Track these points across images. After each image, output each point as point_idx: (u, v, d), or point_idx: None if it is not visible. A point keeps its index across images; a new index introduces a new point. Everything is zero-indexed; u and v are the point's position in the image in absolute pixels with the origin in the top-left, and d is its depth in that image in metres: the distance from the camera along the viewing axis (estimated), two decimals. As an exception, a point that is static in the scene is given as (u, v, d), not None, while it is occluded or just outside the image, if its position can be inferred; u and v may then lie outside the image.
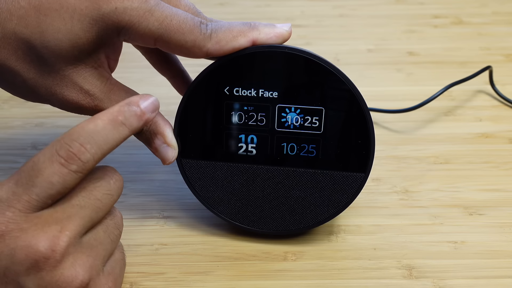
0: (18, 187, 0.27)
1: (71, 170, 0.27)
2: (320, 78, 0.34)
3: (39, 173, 0.27)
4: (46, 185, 0.27)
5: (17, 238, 0.26)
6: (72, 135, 0.27)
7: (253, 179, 0.37)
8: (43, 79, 0.32)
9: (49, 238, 0.27)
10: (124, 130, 0.29)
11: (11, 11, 0.31)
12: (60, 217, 0.27)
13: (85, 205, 0.28)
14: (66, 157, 0.27)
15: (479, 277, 0.35)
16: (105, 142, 0.28)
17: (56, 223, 0.27)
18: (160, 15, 0.31)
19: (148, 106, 0.30)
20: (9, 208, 0.26)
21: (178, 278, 0.36)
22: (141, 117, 0.30)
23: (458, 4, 0.80)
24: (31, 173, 0.27)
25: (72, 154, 0.27)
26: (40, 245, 0.26)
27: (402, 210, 0.41)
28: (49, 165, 0.27)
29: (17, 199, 0.27)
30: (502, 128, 0.51)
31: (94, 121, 0.28)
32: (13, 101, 0.56)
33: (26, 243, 0.26)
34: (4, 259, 0.26)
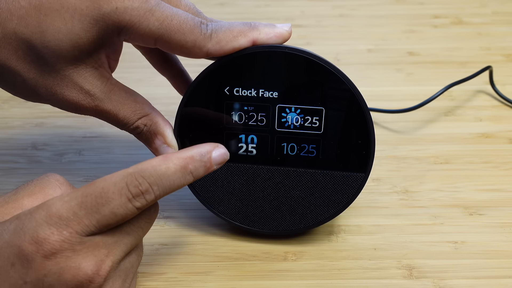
0: (81, 210, 0.27)
1: (135, 206, 0.28)
2: (320, 78, 0.34)
3: (106, 203, 0.27)
4: (110, 215, 0.27)
5: (68, 258, 0.27)
6: (143, 172, 0.28)
7: (253, 179, 0.37)
8: (44, 79, 0.32)
9: (96, 262, 0.27)
10: (190, 178, 0.29)
11: (11, 11, 0.31)
12: (108, 241, 0.28)
13: (130, 232, 0.29)
14: (134, 194, 0.27)
15: (480, 277, 0.35)
16: (170, 187, 0.29)
17: (105, 247, 0.28)
18: (161, 15, 0.31)
19: (217, 158, 0.30)
20: (67, 228, 0.26)
21: (178, 278, 0.36)
22: (208, 169, 0.30)
23: (458, 4, 0.80)
24: (98, 201, 0.27)
25: (140, 192, 0.28)
26: (88, 268, 0.27)
27: (402, 210, 0.41)
28: (118, 197, 0.27)
29: (78, 222, 0.27)
30: (502, 128, 0.51)
31: (166, 164, 0.28)
32: (13, 101, 0.56)
33: (75, 265, 0.27)
34: (51, 276, 0.26)
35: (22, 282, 0.26)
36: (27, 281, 0.26)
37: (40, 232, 0.26)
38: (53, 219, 0.26)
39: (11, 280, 0.26)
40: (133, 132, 0.35)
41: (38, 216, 0.26)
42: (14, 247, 0.26)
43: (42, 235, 0.26)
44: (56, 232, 0.26)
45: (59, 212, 0.27)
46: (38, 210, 0.27)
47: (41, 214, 0.27)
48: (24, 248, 0.26)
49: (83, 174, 0.45)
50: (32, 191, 0.30)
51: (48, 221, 0.26)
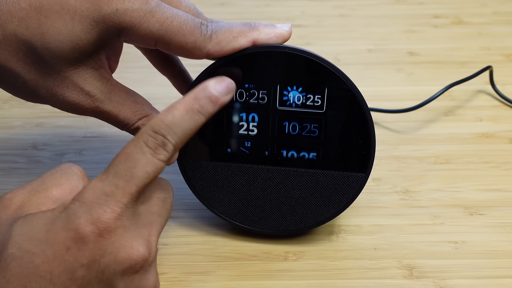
0: (119, 179, 0.27)
1: (160, 159, 0.28)
2: (320, 78, 0.34)
3: (135, 164, 0.28)
4: (143, 175, 0.28)
5: (121, 237, 0.27)
6: (153, 127, 0.28)
7: (254, 179, 0.37)
8: (44, 81, 0.32)
9: (144, 243, 0.28)
10: (200, 118, 0.29)
11: (12, 13, 0.31)
12: (145, 221, 0.29)
13: (161, 214, 0.30)
14: (154, 148, 0.28)
15: (480, 277, 0.35)
16: (183, 131, 0.29)
17: (145, 227, 0.29)
18: (161, 16, 0.31)
19: (222, 90, 0.30)
20: (116, 203, 0.27)
21: (178, 278, 0.36)
22: (216, 102, 0.30)
23: (458, 4, 0.80)
24: (128, 165, 0.28)
25: (158, 145, 0.28)
26: (141, 248, 0.28)
27: (403, 210, 0.41)
28: (142, 156, 0.28)
29: (122, 193, 0.27)
30: (502, 128, 0.51)
31: (171, 112, 0.29)
32: (14, 101, 0.56)
33: (129, 243, 0.27)
34: (107, 256, 0.27)
35: (79, 265, 0.27)
36: (83, 263, 0.27)
37: (93, 213, 0.27)
38: (101, 198, 0.27)
39: (66, 264, 0.26)
40: (134, 132, 0.35)
41: (86, 199, 0.27)
42: (70, 231, 0.26)
43: (96, 215, 0.27)
44: (109, 209, 0.27)
45: (103, 190, 0.27)
46: (84, 195, 0.27)
47: (88, 197, 0.27)
48: (80, 231, 0.26)
49: (83, 174, 0.45)
50: (59, 181, 0.30)
51: (97, 201, 0.27)
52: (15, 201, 0.29)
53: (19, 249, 0.26)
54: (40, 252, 0.26)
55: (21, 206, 0.29)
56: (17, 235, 0.27)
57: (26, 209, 0.28)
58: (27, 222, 0.27)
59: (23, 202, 0.29)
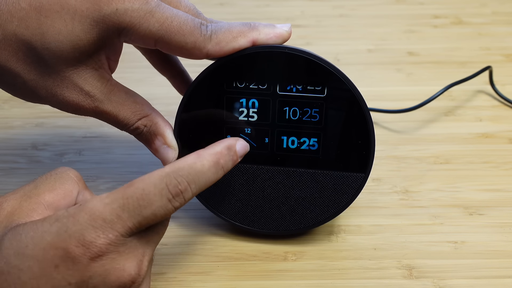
0: (124, 212, 0.27)
1: (174, 206, 0.28)
2: (320, 78, 0.34)
3: (148, 205, 0.27)
4: (151, 217, 0.27)
5: (113, 260, 0.27)
6: (181, 171, 0.28)
7: (253, 179, 0.37)
8: (44, 81, 0.32)
9: (137, 262, 0.28)
10: (221, 173, 0.30)
11: (11, 13, 0.31)
12: (143, 241, 0.28)
13: (159, 232, 0.30)
14: (174, 194, 0.28)
15: (479, 277, 0.35)
16: (206, 183, 0.29)
17: (141, 247, 0.28)
18: (161, 16, 0.31)
19: (241, 150, 0.32)
20: (112, 231, 0.27)
21: (178, 278, 0.36)
22: (235, 162, 0.32)
23: (458, 4, 0.80)
24: (140, 203, 0.27)
25: (179, 192, 0.28)
26: (131, 269, 0.28)
27: (402, 210, 0.41)
28: (159, 198, 0.27)
29: (122, 224, 0.27)
30: (502, 128, 0.51)
31: (201, 161, 0.29)
32: (13, 101, 0.56)
33: (120, 266, 0.27)
34: (96, 278, 0.27)
35: (66, 283, 0.26)
36: (71, 283, 0.26)
37: (86, 235, 0.26)
38: (97, 222, 0.27)
39: (54, 281, 0.26)
40: (133, 133, 0.35)
41: (81, 219, 0.27)
42: (59, 249, 0.26)
43: (88, 238, 0.26)
44: (102, 235, 0.26)
45: (102, 215, 0.27)
46: (81, 213, 0.27)
47: (84, 217, 0.27)
48: (70, 251, 0.26)
49: (83, 174, 0.45)
50: (53, 186, 0.30)
51: (93, 224, 0.26)
52: (5, 207, 0.28)
53: (6, 263, 0.26)
54: (27, 268, 0.26)
55: (11, 212, 0.28)
56: (6, 248, 0.26)
57: (17, 216, 0.28)
58: (16, 235, 0.27)
59: (14, 208, 0.28)
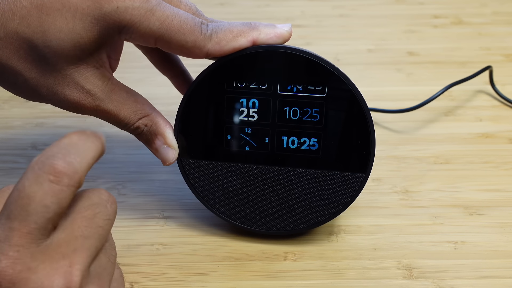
0: (13, 221, 0.24)
1: (64, 185, 0.25)
2: (320, 78, 0.34)
3: (30, 200, 0.24)
4: (42, 209, 0.24)
5: (28, 280, 0.24)
6: (48, 152, 0.25)
7: (254, 179, 0.37)
8: (45, 79, 0.32)
9: (61, 276, 0.24)
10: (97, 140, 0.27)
11: (13, 11, 0.31)
12: (65, 251, 0.25)
13: (88, 235, 0.26)
14: (53, 173, 0.24)
15: (480, 277, 0.35)
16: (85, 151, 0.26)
17: (64, 258, 0.25)
18: (161, 14, 0.31)
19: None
20: (11, 248, 0.24)
21: (178, 278, 0.36)
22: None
23: (458, 4, 0.80)
24: (21, 202, 0.24)
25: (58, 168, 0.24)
26: (54, 284, 0.24)
27: (402, 210, 0.41)
28: (38, 188, 0.24)
29: (18, 234, 0.24)
30: (502, 128, 0.51)
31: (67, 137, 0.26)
32: (14, 101, 0.56)
33: (38, 285, 0.24)
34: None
35: None
36: None
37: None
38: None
39: None
40: (134, 132, 0.35)
41: None
42: None
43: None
44: (2, 257, 0.24)
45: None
46: None
47: None
48: None
49: (83, 174, 0.45)
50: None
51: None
52: None
53: None
54: None
55: None
56: None
57: None
58: None
59: None
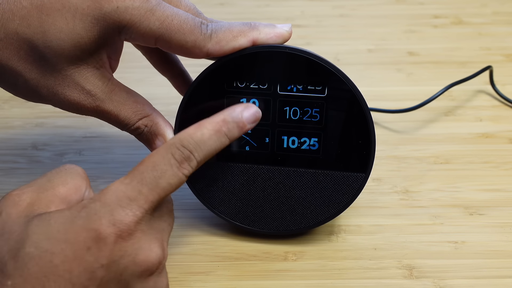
0: (144, 186, 0.28)
1: (184, 174, 0.29)
2: (320, 78, 0.34)
3: (162, 175, 0.28)
4: (167, 186, 0.28)
5: (140, 240, 0.28)
6: (182, 141, 0.29)
7: (254, 179, 0.37)
8: (45, 79, 0.32)
9: (160, 246, 0.29)
10: (225, 140, 0.31)
11: (13, 11, 0.31)
12: (159, 228, 0.29)
13: (170, 222, 0.30)
14: (180, 161, 0.29)
15: (480, 277, 0.35)
16: (208, 151, 0.30)
17: (159, 232, 0.29)
18: (161, 14, 0.31)
19: (250, 117, 0.31)
20: (139, 208, 0.28)
21: (178, 278, 0.36)
22: (242, 129, 0.31)
23: (458, 4, 0.80)
24: (155, 174, 0.28)
25: (183, 160, 0.29)
26: (158, 251, 0.28)
27: (403, 210, 0.41)
28: (169, 167, 0.29)
29: (145, 199, 0.28)
30: (502, 128, 0.51)
31: (200, 130, 0.30)
32: (14, 101, 0.56)
33: (147, 246, 0.28)
34: (127, 258, 0.27)
35: (99, 265, 0.27)
36: (103, 264, 0.27)
37: (116, 215, 0.27)
38: (124, 201, 0.27)
39: (86, 264, 0.26)
40: (134, 133, 0.35)
41: (109, 201, 0.27)
42: (91, 231, 0.26)
43: (118, 217, 0.27)
44: (130, 213, 0.27)
45: (126, 194, 0.28)
46: (107, 196, 0.27)
47: (111, 199, 0.27)
48: (102, 231, 0.26)
49: (83, 174, 0.45)
50: (66, 180, 0.30)
51: (120, 204, 0.27)
52: (24, 198, 0.28)
53: (37, 248, 0.26)
54: (59, 251, 0.26)
55: (30, 203, 0.28)
56: (34, 234, 0.26)
57: (36, 207, 0.28)
58: (44, 221, 0.27)
59: (32, 200, 0.28)
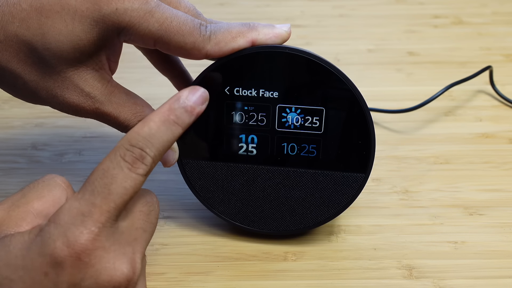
0: (96, 198, 0.26)
1: (139, 174, 0.28)
2: (320, 78, 0.34)
3: (113, 180, 0.27)
4: (122, 191, 0.27)
5: (102, 258, 0.26)
6: (130, 141, 0.28)
7: (254, 179, 0.37)
8: (44, 82, 0.32)
9: (128, 260, 0.27)
10: (177, 129, 0.29)
11: (13, 14, 0.31)
12: (128, 238, 0.28)
13: (145, 228, 0.29)
14: (131, 162, 0.27)
15: (480, 277, 0.35)
16: (161, 143, 0.29)
17: (129, 245, 0.28)
18: (161, 16, 0.31)
19: (197, 100, 0.31)
20: (93, 223, 0.26)
21: (178, 278, 0.36)
22: (192, 112, 0.30)
23: (458, 4, 0.80)
24: (105, 181, 0.27)
25: (135, 159, 0.28)
26: (123, 267, 0.27)
27: (402, 210, 0.41)
28: (119, 171, 0.27)
29: (99, 211, 0.26)
30: (502, 128, 0.51)
31: (147, 124, 0.28)
32: (13, 101, 0.56)
33: (110, 265, 0.26)
34: (88, 280, 0.26)
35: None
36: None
37: (69, 235, 0.26)
38: (77, 218, 0.26)
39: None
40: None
41: (62, 221, 0.26)
42: (46, 256, 0.25)
43: (72, 237, 0.26)
44: (85, 230, 0.26)
45: (79, 209, 0.26)
46: (60, 216, 0.26)
47: (64, 219, 0.26)
48: (56, 255, 0.25)
49: (83, 174, 0.45)
50: (41, 194, 0.29)
51: (73, 223, 0.26)
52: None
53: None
54: (18, 278, 0.26)
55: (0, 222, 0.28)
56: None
57: (5, 226, 0.27)
58: (4, 246, 0.26)
59: (2, 219, 0.28)
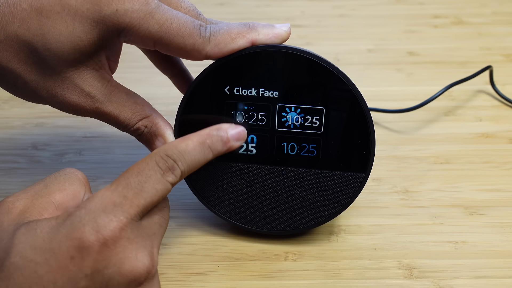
0: (129, 192, 0.28)
1: (168, 181, 0.29)
2: (320, 78, 0.34)
3: (147, 179, 0.29)
4: (152, 191, 0.29)
5: (125, 248, 0.27)
6: (167, 151, 0.30)
7: (254, 179, 0.37)
8: (45, 81, 0.32)
9: (148, 254, 0.28)
10: (209, 153, 0.31)
11: (13, 14, 0.31)
12: (148, 233, 0.29)
13: (162, 224, 0.30)
14: (164, 169, 0.29)
15: (480, 277, 0.35)
16: (192, 161, 0.31)
17: (149, 238, 0.29)
18: (161, 17, 0.31)
19: (234, 134, 0.33)
20: (123, 213, 0.27)
21: (178, 278, 0.36)
22: (226, 144, 0.32)
23: (458, 4, 0.80)
24: (140, 179, 0.28)
25: (168, 168, 0.29)
26: (145, 259, 0.28)
27: (403, 210, 0.41)
28: (154, 173, 0.29)
29: (130, 204, 0.28)
30: (502, 128, 0.51)
31: (185, 141, 0.31)
32: (14, 101, 0.56)
33: (133, 255, 0.27)
34: (111, 268, 0.27)
35: (83, 275, 0.26)
36: (87, 274, 0.26)
37: (99, 221, 0.27)
38: (108, 207, 0.27)
39: (70, 274, 0.26)
40: (134, 133, 0.35)
41: (93, 207, 0.27)
42: (74, 239, 0.26)
43: (101, 223, 0.27)
44: (114, 218, 0.27)
45: (111, 199, 0.28)
46: (92, 203, 0.27)
47: (96, 205, 0.27)
48: (85, 239, 0.26)
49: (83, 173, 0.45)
50: (63, 186, 0.30)
51: (104, 210, 0.27)
52: (18, 205, 0.28)
53: (22, 258, 0.26)
54: (43, 261, 0.26)
55: (23, 210, 0.28)
56: (20, 243, 0.26)
57: (29, 214, 0.28)
58: (30, 230, 0.27)
59: (26, 207, 0.28)
